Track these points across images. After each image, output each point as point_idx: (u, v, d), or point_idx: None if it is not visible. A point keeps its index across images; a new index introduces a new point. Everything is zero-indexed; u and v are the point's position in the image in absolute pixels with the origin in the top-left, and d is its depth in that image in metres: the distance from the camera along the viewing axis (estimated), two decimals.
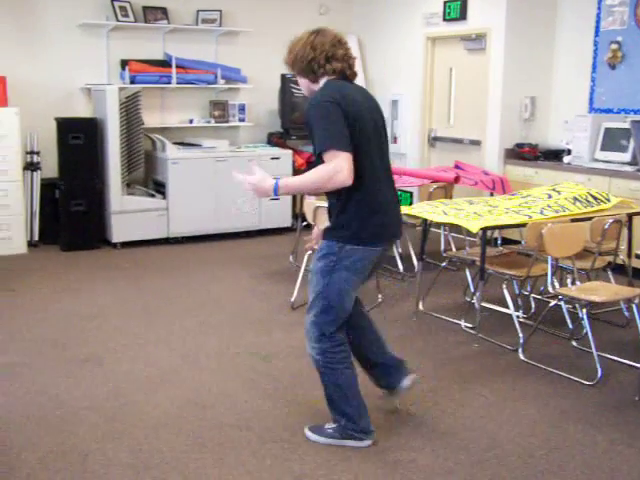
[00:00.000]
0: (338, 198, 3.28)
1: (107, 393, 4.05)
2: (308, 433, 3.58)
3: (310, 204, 5.51)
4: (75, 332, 5.03)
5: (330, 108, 3.14)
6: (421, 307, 5.54)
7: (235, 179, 3.35)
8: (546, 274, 4.70)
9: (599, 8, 7.22)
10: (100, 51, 7.98)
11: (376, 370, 3.75)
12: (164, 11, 8.18)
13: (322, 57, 3.28)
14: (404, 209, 5.45)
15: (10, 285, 6.10)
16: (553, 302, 4.80)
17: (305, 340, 3.49)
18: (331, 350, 3.39)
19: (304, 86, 3.43)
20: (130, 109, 7.49)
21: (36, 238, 7.55)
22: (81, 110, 7.91)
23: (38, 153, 7.54)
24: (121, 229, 7.51)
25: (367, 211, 3.28)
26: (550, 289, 4.65)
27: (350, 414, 3.46)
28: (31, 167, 7.49)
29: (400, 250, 6.78)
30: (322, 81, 3.33)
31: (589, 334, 4.40)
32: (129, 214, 7.52)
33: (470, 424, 3.75)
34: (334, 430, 3.52)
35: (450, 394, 4.10)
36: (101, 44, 7.97)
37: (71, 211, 7.38)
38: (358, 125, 3.20)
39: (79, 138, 7.32)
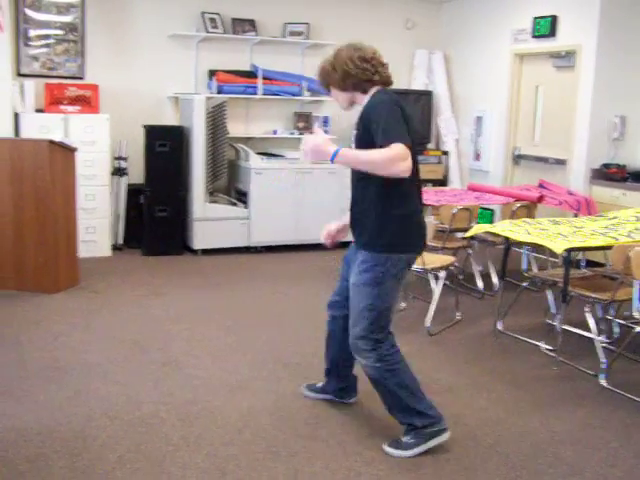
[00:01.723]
0: (376, 208, 3.38)
1: (185, 397, 4.11)
2: (389, 449, 3.54)
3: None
4: (155, 335, 5.14)
5: (399, 110, 3.23)
6: (500, 327, 5.45)
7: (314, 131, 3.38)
8: (632, 298, 4.56)
9: None
10: (189, 61, 8.17)
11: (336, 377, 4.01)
12: (252, 23, 8.31)
13: (377, 66, 3.40)
14: (486, 227, 5.39)
15: (94, 287, 6.27)
16: (638, 328, 4.66)
17: (356, 357, 3.56)
18: (388, 352, 3.48)
19: (346, 100, 3.50)
20: (216, 118, 7.63)
21: (120, 242, 7.76)
22: (169, 118, 8.11)
23: (126, 159, 7.74)
24: (203, 236, 7.64)
25: (409, 220, 3.42)
26: (636, 314, 4.51)
27: (422, 410, 3.50)
28: (118, 172, 7.69)
29: (480, 268, 6.70)
30: (372, 90, 3.42)
31: None
32: (211, 222, 7.64)
33: (548, 449, 3.67)
34: (414, 437, 3.51)
35: (527, 417, 4.02)
36: (190, 54, 8.16)
37: (155, 217, 7.55)
38: (410, 135, 3.23)
39: (165, 145, 7.49)
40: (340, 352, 3.84)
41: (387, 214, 3.37)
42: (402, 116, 3.22)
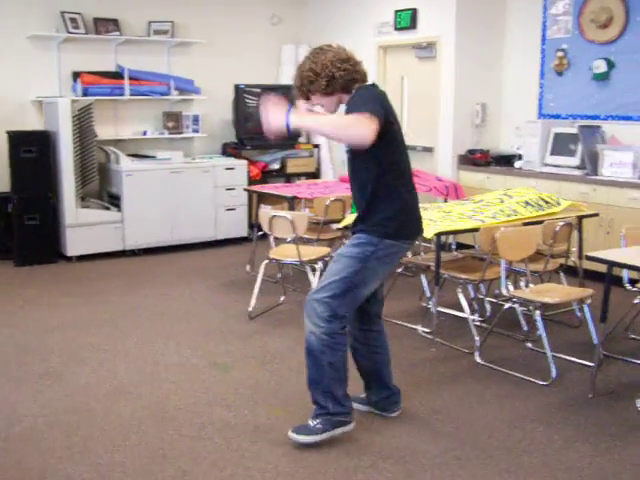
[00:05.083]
0: (375, 194, 3.45)
1: (66, 407, 4.01)
2: (295, 436, 3.56)
3: (265, 213, 5.53)
4: (32, 347, 4.98)
5: (379, 96, 3.38)
6: None
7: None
8: (500, 277, 4.78)
9: (545, 17, 7.40)
10: (51, 63, 7.90)
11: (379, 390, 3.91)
12: (115, 22, 8.14)
13: (355, 64, 3.51)
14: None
15: None
16: (507, 305, 4.89)
17: (306, 319, 3.49)
18: (339, 332, 3.47)
19: (333, 103, 3.56)
20: (83, 121, 7.43)
21: None
22: (33, 123, 7.82)
23: None
24: (76, 242, 7.44)
25: (405, 209, 3.51)
26: (504, 292, 4.73)
27: (339, 397, 3.54)
28: None
29: None
30: (355, 88, 3.50)
31: (543, 335, 4.49)
32: (84, 227, 7.45)
33: (428, 427, 3.80)
34: (322, 423, 3.55)
35: (409, 398, 4.13)
36: (52, 56, 7.90)
37: (25, 225, 7.29)
38: (396, 126, 3.42)
39: (31, 152, 7.24)
40: (372, 362, 3.84)
41: (387, 203, 3.45)
42: (381, 101, 3.33)
